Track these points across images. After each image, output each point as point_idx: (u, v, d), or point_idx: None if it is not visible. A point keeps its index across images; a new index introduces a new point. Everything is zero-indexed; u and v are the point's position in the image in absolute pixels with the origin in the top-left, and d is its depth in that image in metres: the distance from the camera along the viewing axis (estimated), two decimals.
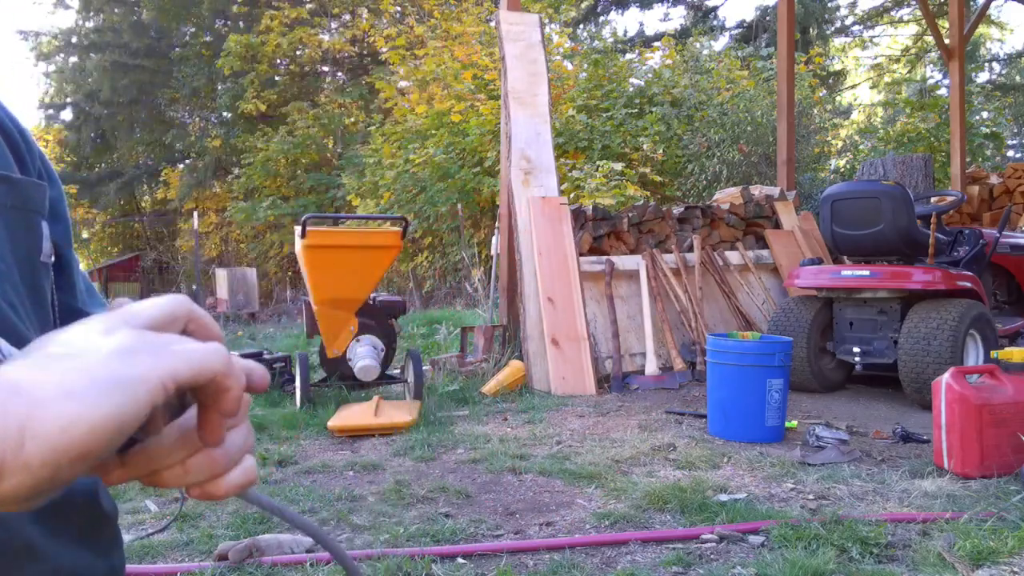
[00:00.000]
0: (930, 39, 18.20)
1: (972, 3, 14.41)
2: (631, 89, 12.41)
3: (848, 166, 12.59)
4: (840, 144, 14.67)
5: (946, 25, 10.03)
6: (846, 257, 5.60)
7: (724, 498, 3.08)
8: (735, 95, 11.48)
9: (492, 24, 13.44)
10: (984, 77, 22.37)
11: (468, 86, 12.51)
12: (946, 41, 9.59)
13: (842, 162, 13.25)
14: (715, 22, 21.90)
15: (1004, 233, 5.77)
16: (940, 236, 5.49)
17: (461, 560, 2.54)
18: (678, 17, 34.38)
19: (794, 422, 4.37)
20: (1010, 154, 17.61)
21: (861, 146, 13.67)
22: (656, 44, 15.81)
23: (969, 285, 5.02)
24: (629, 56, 14.71)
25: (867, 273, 5.04)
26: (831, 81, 21.33)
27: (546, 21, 12.01)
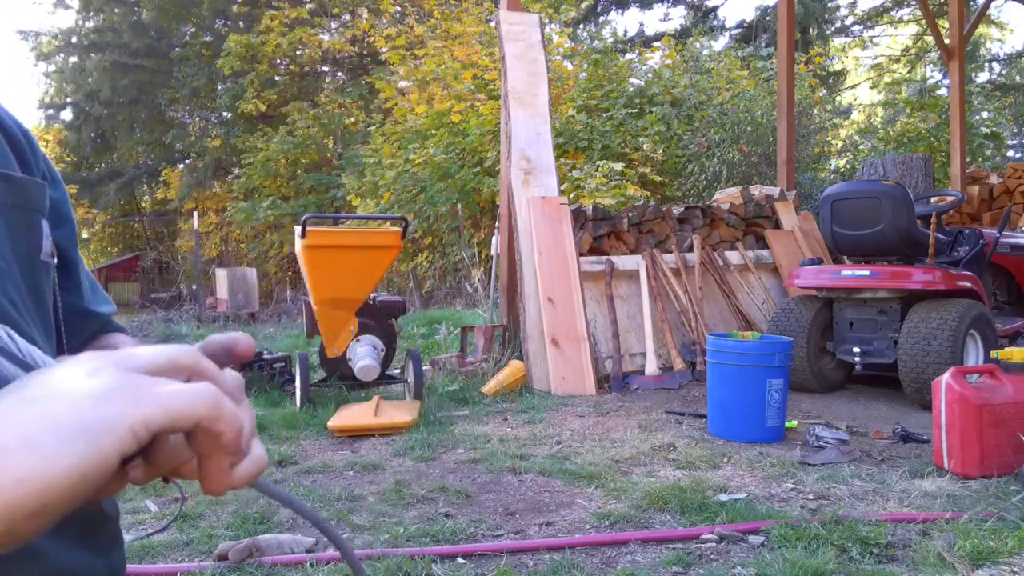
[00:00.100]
0: (930, 39, 18.20)
1: (972, 3, 14.41)
2: (631, 89, 12.41)
3: (848, 166, 12.59)
4: (840, 144, 14.67)
5: (946, 25, 10.03)
6: (846, 257, 5.60)
7: (724, 498, 3.08)
8: (735, 95, 11.49)
9: (492, 24, 13.44)
10: (984, 77, 22.38)
11: (468, 86, 12.51)
12: (946, 41, 9.60)
13: (842, 162, 13.25)
14: (715, 22, 21.92)
15: (1004, 233, 5.77)
16: (940, 236, 5.49)
17: (461, 560, 2.54)
18: (678, 17, 34.43)
19: (794, 422, 4.37)
20: (1010, 154, 17.62)
21: (861, 146, 13.68)
22: (656, 44, 15.82)
23: (969, 285, 5.02)
24: (629, 56, 14.71)
25: (867, 273, 5.04)
26: (831, 81, 21.33)
27: (546, 21, 12.01)
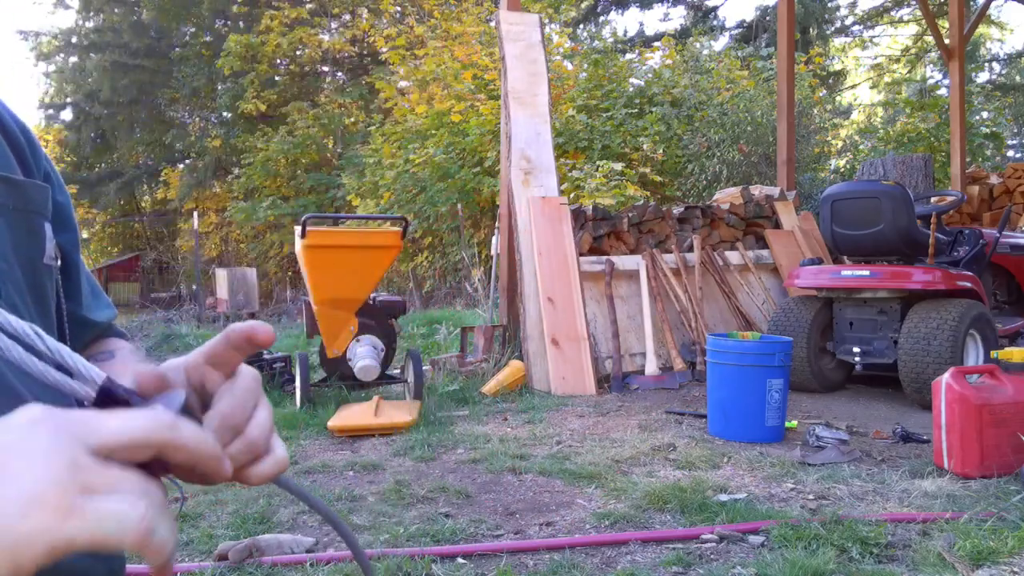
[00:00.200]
0: (930, 39, 18.20)
1: (972, 3, 14.41)
2: (631, 89, 12.41)
3: (848, 166, 12.59)
4: (840, 144, 14.68)
5: (946, 25, 10.03)
6: (846, 257, 5.60)
7: (724, 498, 3.08)
8: (735, 95, 11.49)
9: (492, 24, 13.44)
10: (984, 77, 22.39)
11: (468, 86, 12.52)
12: (946, 41, 9.59)
13: (842, 162, 13.25)
14: (715, 22, 21.92)
15: (1004, 233, 5.77)
16: (940, 236, 5.49)
17: (461, 560, 2.54)
18: (678, 17, 34.45)
19: (794, 422, 4.37)
20: (1010, 154, 17.62)
21: (861, 146, 13.68)
22: (656, 44, 15.82)
23: (969, 285, 5.02)
24: (629, 56, 14.72)
25: (867, 273, 5.04)
26: (831, 81, 21.34)
27: (546, 21, 12.01)
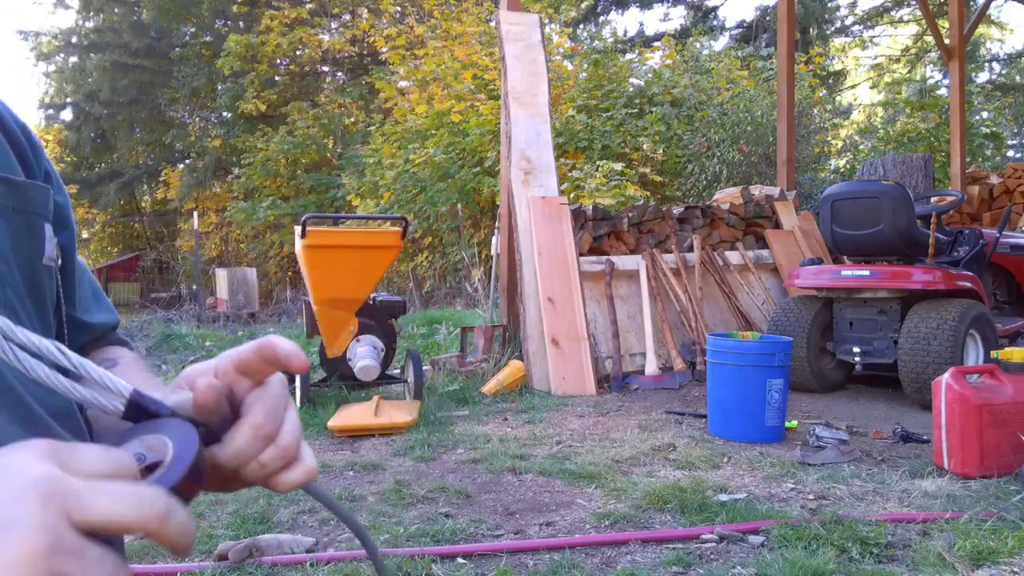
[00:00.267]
0: (930, 39, 18.20)
1: (972, 3, 14.41)
2: (631, 89, 12.41)
3: (848, 166, 12.59)
4: (840, 144, 14.68)
5: (946, 25, 10.03)
6: (846, 257, 5.59)
7: (724, 498, 3.08)
8: (735, 95, 11.49)
9: (492, 24, 13.45)
10: (984, 77, 22.39)
11: (468, 86, 12.52)
12: (946, 41, 9.59)
13: (842, 162, 13.26)
14: (715, 22, 21.93)
15: (1004, 233, 5.77)
16: (940, 236, 5.49)
17: (461, 560, 2.54)
18: (678, 17, 34.46)
19: (794, 422, 4.37)
20: (1010, 154, 17.62)
21: (861, 146, 13.68)
22: (656, 44, 15.83)
23: (969, 285, 5.02)
24: (629, 56, 14.72)
25: (867, 273, 5.04)
26: (831, 81, 21.34)
27: (546, 21, 12.01)
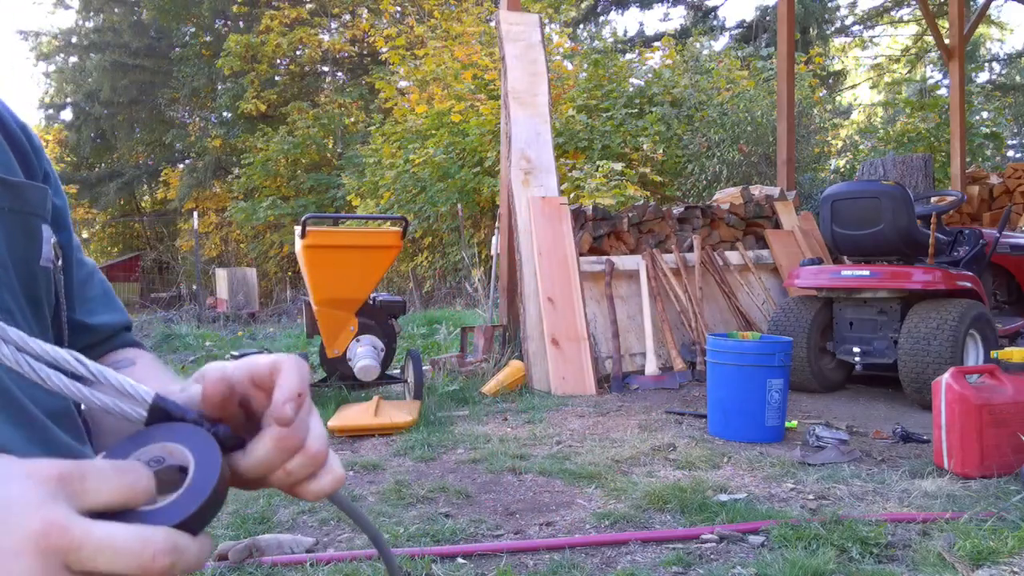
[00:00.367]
0: (930, 39, 18.20)
1: (972, 3, 14.41)
2: (631, 89, 12.42)
3: (848, 166, 12.59)
4: (840, 144, 14.69)
5: (946, 25, 10.03)
6: (846, 257, 5.59)
7: (724, 498, 3.08)
8: (735, 95, 11.49)
9: (492, 24, 13.45)
10: (984, 77, 22.40)
11: (468, 86, 12.52)
12: (946, 41, 9.59)
13: (842, 162, 13.26)
14: (715, 22, 21.93)
15: (1004, 233, 5.77)
16: (940, 236, 5.49)
17: (461, 560, 2.54)
18: (678, 17, 34.47)
19: (794, 422, 4.37)
20: (1010, 154, 17.62)
21: (861, 146, 13.69)
22: (656, 44, 15.83)
23: (969, 285, 5.02)
24: (629, 56, 14.72)
25: (867, 273, 5.04)
26: (831, 81, 21.34)
27: (546, 21, 12.01)
